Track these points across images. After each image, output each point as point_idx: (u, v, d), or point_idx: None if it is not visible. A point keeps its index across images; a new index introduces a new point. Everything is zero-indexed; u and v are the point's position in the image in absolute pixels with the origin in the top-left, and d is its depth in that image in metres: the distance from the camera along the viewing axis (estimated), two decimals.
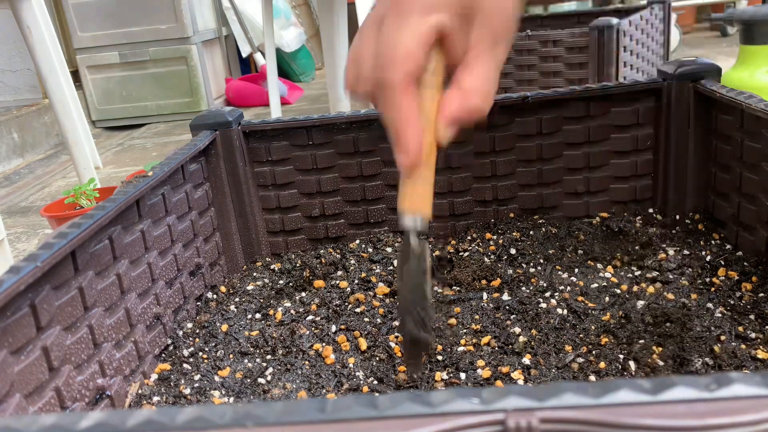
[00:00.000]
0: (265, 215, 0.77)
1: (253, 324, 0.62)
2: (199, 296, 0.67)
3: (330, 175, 0.76)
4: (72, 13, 2.41)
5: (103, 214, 0.48)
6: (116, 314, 0.52)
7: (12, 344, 0.40)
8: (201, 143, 0.67)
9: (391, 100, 0.37)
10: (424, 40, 0.37)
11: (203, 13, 2.57)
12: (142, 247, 0.57)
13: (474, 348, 0.55)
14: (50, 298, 0.44)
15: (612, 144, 0.75)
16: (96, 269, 0.50)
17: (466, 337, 0.56)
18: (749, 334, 0.53)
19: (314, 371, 0.54)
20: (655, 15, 1.62)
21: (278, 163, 0.75)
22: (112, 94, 2.52)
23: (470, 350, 0.54)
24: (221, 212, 0.74)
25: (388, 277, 0.68)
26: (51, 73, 1.44)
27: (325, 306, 0.63)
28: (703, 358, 0.50)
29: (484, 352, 0.54)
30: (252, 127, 0.73)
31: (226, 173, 0.73)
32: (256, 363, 0.56)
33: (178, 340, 0.60)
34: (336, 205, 0.77)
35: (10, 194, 1.76)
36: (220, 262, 0.73)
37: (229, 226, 0.74)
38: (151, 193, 0.59)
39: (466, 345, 0.55)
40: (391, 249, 0.74)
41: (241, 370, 0.55)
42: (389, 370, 0.53)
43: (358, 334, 0.58)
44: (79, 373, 0.47)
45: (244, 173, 0.74)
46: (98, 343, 0.49)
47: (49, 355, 0.43)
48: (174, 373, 0.55)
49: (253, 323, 0.62)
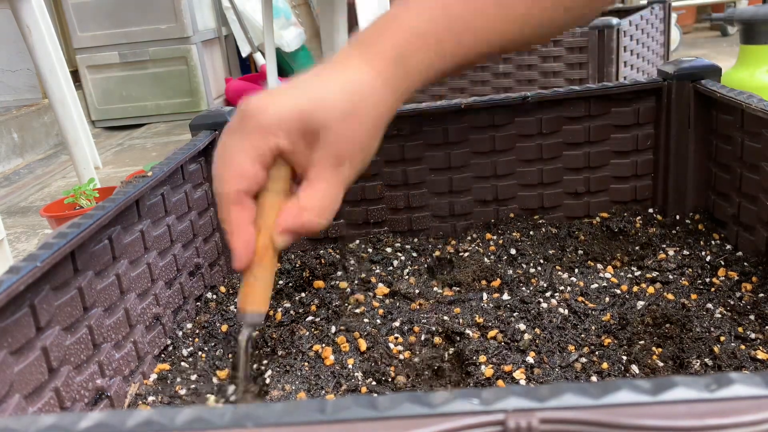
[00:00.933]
0: None
1: None
2: (198, 296, 0.67)
3: None
4: (72, 13, 2.41)
5: (103, 214, 0.48)
6: (116, 314, 0.52)
7: (11, 344, 0.40)
8: (200, 143, 0.67)
9: (224, 211, 0.40)
10: (259, 159, 0.39)
11: (203, 13, 2.57)
12: (142, 248, 0.57)
13: (480, 342, 0.55)
14: (50, 298, 0.44)
15: (612, 144, 0.75)
16: (95, 269, 0.50)
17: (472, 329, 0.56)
18: (749, 334, 0.53)
19: (313, 372, 0.54)
20: (655, 15, 1.61)
21: None
22: (111, 94, 2.52)
23: (477, 340, 0.54)
24: None
25: (388, 278, 0.68)
26: (51, 73, 1.44)
27: (325, 306, 0.63)
28: (702, 359, 0.50)
29: (490, 346, 0.53)
30: None
31: None
32: (255, 364, 0.55)
33: (178, 340, 0.60)
34: None
35: (10, 194, 1.76)
36: (219, 262, 0.73)
37: None
38: (151, 193, 0.59)
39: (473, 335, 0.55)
40: (391, 249, 0.74)
41: None
42: (388, 371, 0.53)
43: (358, 335, 0.58)
44: (79, 373, 0.47)
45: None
46: (98, 344, 0.49)
47: (48, 355, 0.43)
48: (172, 372, 0.55)
49: None
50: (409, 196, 0.76)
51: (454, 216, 0.77)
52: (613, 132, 0.74)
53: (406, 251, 0.74)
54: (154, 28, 2.40)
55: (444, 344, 0.56)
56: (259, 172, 0.39)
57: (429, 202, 0.77)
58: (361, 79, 0.39)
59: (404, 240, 0.76)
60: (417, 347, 0.56)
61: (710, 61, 0.70)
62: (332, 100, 0.38)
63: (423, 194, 0.76)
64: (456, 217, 0.77)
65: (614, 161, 0.75)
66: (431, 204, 0.77)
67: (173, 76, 2.46)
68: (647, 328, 0.54)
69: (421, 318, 0.59)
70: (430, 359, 0.54)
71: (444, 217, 0.77)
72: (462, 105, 0.72)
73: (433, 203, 0.77)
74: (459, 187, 0.76)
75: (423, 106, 0.72)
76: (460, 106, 0.72)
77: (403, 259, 0.72)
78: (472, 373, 0.51)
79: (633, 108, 0.73)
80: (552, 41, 1.51)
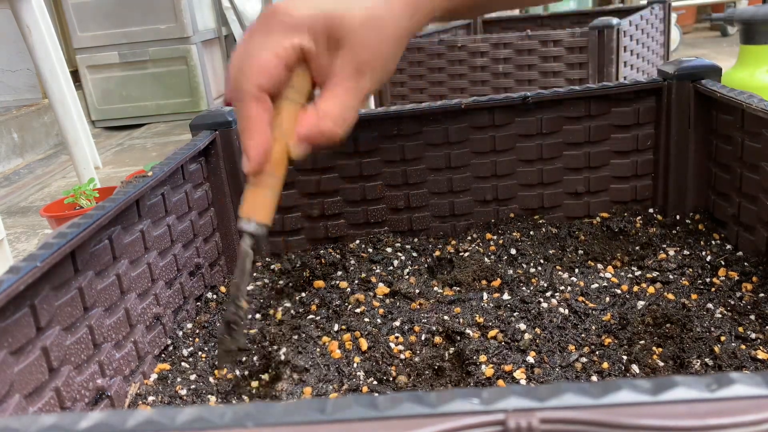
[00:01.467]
0: None
1: (253, 324, 0.62)
2: (199, 296, 0.67)
3: (330, 176, 0.76)
4: (72, 13, 2.41)
5: (103, 214, 0.48)
6: (116, 314, 0.52)
7: (12, 344, 0.40)
8: (201, 143, 0.67)
9: (242, 108, 0.39)
10: (281, 57, 0.38)
11: (203, 13, 2.57)
12: (142, 247, 0.57)
13: (480, 342, 0.55)
14: (50, 298, 0.44)
15: (612, 144, 0.75)
16: (96, 269, 0.50)
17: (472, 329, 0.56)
18: (749, 334, 0.53)
19: (323, 361, 0.54)
20: (655, 15, 1.62)
21: None
22: (111, 94, 2.52)
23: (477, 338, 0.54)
24: (221, 212, 0.74)
25: (389, 278, 0.68)
26: (51, 73, 1.44)
27: (325, 306, 0.63)
28: (703, 359, 0.50)
29: (490, 346, 0.53)
30: None
31: (225, 173, 0.73)
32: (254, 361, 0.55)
33: (178, 340, 0.60)
34: (336, 206, 0.77)
35: (10, 194, 1.76)
36: (219, 262, 0.73)
37: (229, 226, 0.74)
38: (151, 193, 0.59)
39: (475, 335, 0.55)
40: (391, 249, 0.74)
41: (237, 370, 0.55)
42: (389, 371, 0.53)
43: (359, 334, 0.58)
44: (79, 373, 0.47)
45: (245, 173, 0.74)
46: (98, 344, 0.49)
47: (48, 355, 0.43)
48: (173, 373, 0.55)
49: (253, 323, 0.62)
50: (409, 196, 0.76)
51: (455, 216, 0.77)
52: (614, 132, 0.74)
53: (406, 251, 0.74)
54: (154, 28, 2.40)
55: (444, 344, 0.56)
56: (282, 71, 0.39)
57: (429, 202, 0.77)
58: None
59: (404, 240, 0.76)
60: (417, 347, 0.56)
61: (710, 60, 0.70)
62: (357, 8, 0.38)
63: (423, 194, 0.76)
64: (456, 217, 0.77)
65: (614, 161, 0.75)
66: (431, 204, 0.77)
67: (173, 76, 2.46)
68: (647, 327, 0.54)
69: (421, 318, 0.59)
70: (430, 359, 0.54)
71: (444, 217, 0.77)
72: (462, 105, 0.72)
73: (433, 203, 0.77)
74: (459, 187, 0.76)
75: (423, 106, 0.72)
76: (460, 106, 0.72)
77: (403, 258, 0.72)
78: (473, 373, 0.51)
79: (633, 108, 0.73)
80: (552, 41, 1.51)
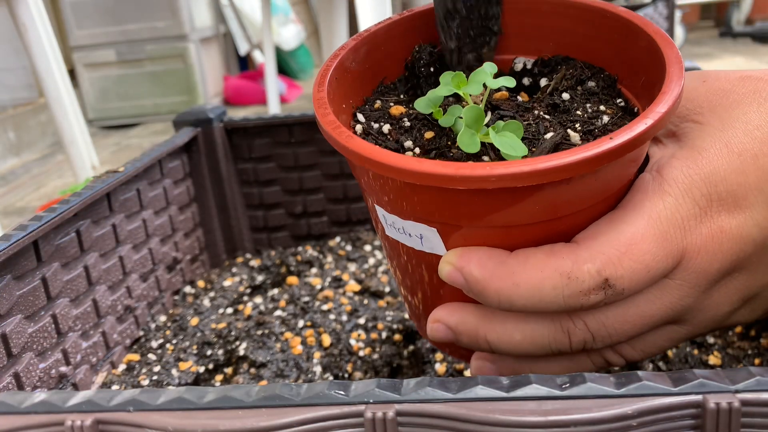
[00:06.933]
0: (248, 212, 0.79)
1: (221, 318, 0.63)
2: (176, 291, 0.69)
3: (312, 173, 0.77)
4: (68, 11, 2.41)
5: (67, 207, 0.49)
6: (84, 305, 0.54)
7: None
8: (179, 140, 0.69)
9: None
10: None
11: (201, 11, 2.56)
12: (113, 241, 0.58)
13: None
14: (11, 287, 0.45)
15: None
16: (62, 261, 0.51)
17: None
18: (707, 339, 0.53)
19: (282, 357, 0.55)
20: (659, 13, 1.60)
21: (261, 160, 0.76)
22: (108, 92, 2.52)
23: None
24: (203, 208, 0.75)
25: (361, 275, 0.68)
26: (47, 71, 1.44)
27: (294, 303, 0.64)
28: (656, 362, 0.50)
29: None
30: (234, 124, 0.74)
31: (207, 170, 0.74)
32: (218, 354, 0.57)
33: (150, 332, 0.61)
34: (318, 203, 0.78)
35: (6, 194, 1.78)
36: (201, 257, 0.75)
37: (211, 221, 0.76)
38: (125, 188, 0.60)
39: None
40: (369, 247, 0.75)
41: (202, 364, 0.56)
42: (346, 367, 0.54)
43: (323, 330, 0.59)
44: (42, 360, 0.48)
45: (227, 170, 0.75)
46: (63, 332, 0.51)
47: (8, 341, 0.45)
48: (140, 363, 0.56)
49: (222, 318, 0.63)
50: None
51: None
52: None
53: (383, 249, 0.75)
54: (152, 26, 2.40)
55: (404, 342, 0.56)
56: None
57: None
58: None
59: None
60: (378, 344, 0.56)
61: (691, 62, 0.70)
62: None
63: None
64: None
65: None
66: None
67: (171, 74, 2.47)
68: None
69: (386, 315, 0.60)
70: (389, 356, 0.54)
71: None
72: None
73: None
74: None
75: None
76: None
77: (379, 257, 0.73)
78: (427, 372, 0.52)
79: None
80: None
